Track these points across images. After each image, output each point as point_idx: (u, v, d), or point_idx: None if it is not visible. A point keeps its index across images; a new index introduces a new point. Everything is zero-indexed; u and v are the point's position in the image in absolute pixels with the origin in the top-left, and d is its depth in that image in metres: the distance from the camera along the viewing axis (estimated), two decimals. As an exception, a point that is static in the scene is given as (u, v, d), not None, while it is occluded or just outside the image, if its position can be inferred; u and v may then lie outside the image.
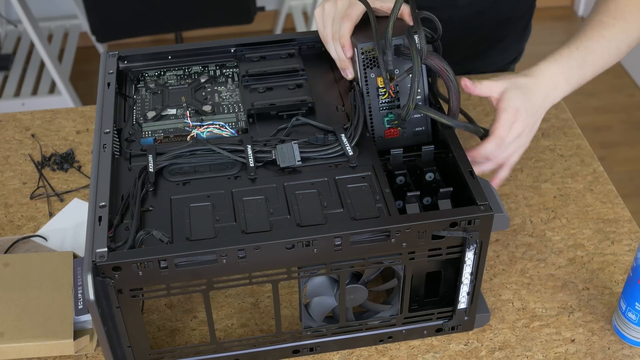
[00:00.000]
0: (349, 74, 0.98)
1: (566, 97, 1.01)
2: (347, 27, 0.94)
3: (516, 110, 0.92)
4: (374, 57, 0.93)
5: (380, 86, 0.93)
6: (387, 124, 0.94)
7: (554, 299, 0.97)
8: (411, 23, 0.92)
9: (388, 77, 0.91)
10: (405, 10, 0.94)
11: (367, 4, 0.93)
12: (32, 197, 1.12)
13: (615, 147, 2.52)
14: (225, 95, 1.00)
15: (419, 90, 0.90)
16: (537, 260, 1.02)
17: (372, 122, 0.94)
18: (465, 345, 0.92)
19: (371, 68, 0.93)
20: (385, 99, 0.94)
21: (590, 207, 1.10)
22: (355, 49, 0.94)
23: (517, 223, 1.07)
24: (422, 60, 0.88)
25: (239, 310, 0.96)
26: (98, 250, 0.75)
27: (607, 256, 1.03)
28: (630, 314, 0.90)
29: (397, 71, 0.92)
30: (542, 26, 3.10)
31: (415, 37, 0.87)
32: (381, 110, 0.94)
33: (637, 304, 0.88)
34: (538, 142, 1.21)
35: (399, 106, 0.94)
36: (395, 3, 0.89)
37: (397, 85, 0.94)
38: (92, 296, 0.74)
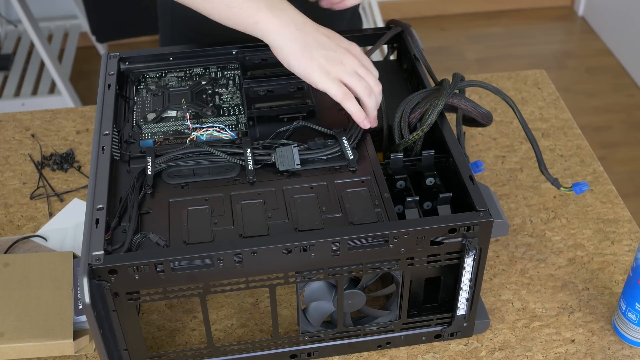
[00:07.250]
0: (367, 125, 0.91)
1: (566, 97, 1.01)
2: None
3: None
4: None
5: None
6: None
7: (554, 299, 0.97)
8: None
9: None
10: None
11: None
12: (32, 197, 1.12)
13: (615, 147, 2.52)
14: (226, 98, 1.00)
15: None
16: (537, 261, 1.02)
17: None
18: (465, 345, 0.92)
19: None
20: None
21: (590, 207, 1.10)
22: None
23: (517, 223, 1.07)
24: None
25: (238, 311, 0.96)
26: (94, 253, 0.75)
27: (607, 256, 1.03)
28: (630, 314, 0.90)
29: None
30: (542, 26, 3.10)
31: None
32: None
33: (637, 304, 0.88)
34: (538, 142, 1.21)
35: None
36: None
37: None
38: (87, 299, 0.73)
